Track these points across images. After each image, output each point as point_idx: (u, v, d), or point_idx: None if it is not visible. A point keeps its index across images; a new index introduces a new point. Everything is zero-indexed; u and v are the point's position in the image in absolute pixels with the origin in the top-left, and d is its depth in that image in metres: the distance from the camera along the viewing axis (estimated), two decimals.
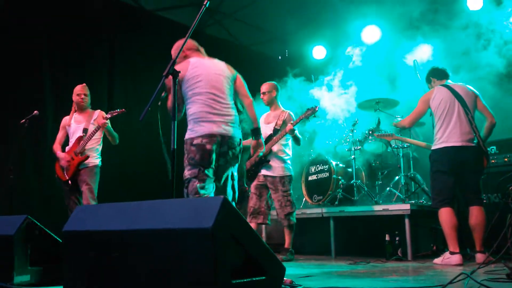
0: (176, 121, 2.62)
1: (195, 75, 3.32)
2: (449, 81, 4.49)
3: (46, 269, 2.97)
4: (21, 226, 2.86)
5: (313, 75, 6.69)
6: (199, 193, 3.16)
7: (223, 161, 3.33)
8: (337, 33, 7.12)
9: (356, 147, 5.64)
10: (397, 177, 5.41)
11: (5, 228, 2.91)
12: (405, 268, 3.91)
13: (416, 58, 5.86)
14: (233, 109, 3.41)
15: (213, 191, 3.29)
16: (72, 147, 4.75)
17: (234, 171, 3.48)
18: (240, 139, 3.41)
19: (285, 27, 7.70)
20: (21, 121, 4.88)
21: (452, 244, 4.06)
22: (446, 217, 4.10)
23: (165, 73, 2.63)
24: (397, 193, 5.30)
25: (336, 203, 5.52)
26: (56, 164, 4.81)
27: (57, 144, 4.87)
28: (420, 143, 5.10)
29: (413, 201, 5.11)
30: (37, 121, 5.07)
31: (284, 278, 2.23)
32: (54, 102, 5.85)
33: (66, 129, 4.90)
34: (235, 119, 3.40)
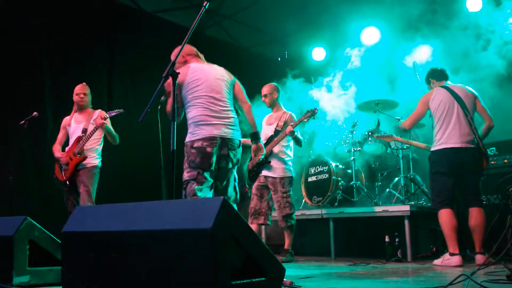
0: (175, 123, 2.64)
1: (195, 79, 3.38)
2: (448, 82, 4.49)
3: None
4: (21, 226, 2.86)
5: (312, 76, 6.70)
6: (197, 195, 3.22)
7: (224, 163, 3.39)
8: (337, 35, 7.13)
9: (355, 148, 5.63)
10: (397, 178, 5.41)
11: (4, 229, 2.91)
12: (404, 269, 3.91)
13: (415, 59, 5.87)
14: (232, 111, 3.49)
15: (210, 193, 3.34)
16: (71, 147, 4.69)
17: (234, 173, 3.53)
18: (239, 141, 3.48)
19: (284, 28, 7.69)
20: (21, 122, 4.87)
21: (451, 245, 4.06)
22: (445, 218, 4.10)
23: (164, 74, 2.64)
24: (396, 194, 5.29)
25: (335, 204, 5.51)
26: (55, 164, 4.77)
27: (56, 144, 4.82)
28: (419, 144, 5.10)
29: (412, 202, 5.11)
30: (36, 122, 5.06)
31: (284, 279, 2.22)
32: (54, 102, 5.84)
33: (66, 129, 4.84)
34: (235, 121, 3.47)
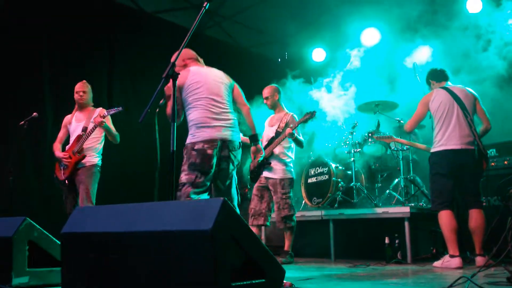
0: (175, 124, 2.64)
1: (195, 81, 3.42)
2: (448, 83, 4.48)
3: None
4: (20, 227, 2.86)
5: (312, 77, 6.69)
6: (190, 198, 3.22)
7: (225, 165, 3.40)
8: (337, 36, 7.12)
9: (355, 150, 5.63)
10: (397, 179, 5.40)
11: (3, 229, 2.90)
12: (404, 271, 3.91)
13: (415, 60, 5.86)
14: (232, 113, 3.51)
15: (205, 196, 3.34)
16: (71, 146, 4.64)
17: (235, 174, 3.54)
18: (239, 142, 3.50)
19: (284, 29, 7.69)
20: (21, 123, 4.85)
21: (452, 247, 4.05)
22: (445, 220, 4.09)
23: (164, 75, 2.64)
24: (396, 195, 5.29)
25: (335, 205, 5.50)
26: (56, 163, 4.73)
27: (57, 143, 4.77)
28: (419, 145, 5.09)
29: (412, 204, 5.11)
30: (36, 122, 5.04)
31: (283, 280, 2.22)
32: (54, 102, 5.83)
33: (67, 127, 4.80)
34: (234, 123, 3.50)
